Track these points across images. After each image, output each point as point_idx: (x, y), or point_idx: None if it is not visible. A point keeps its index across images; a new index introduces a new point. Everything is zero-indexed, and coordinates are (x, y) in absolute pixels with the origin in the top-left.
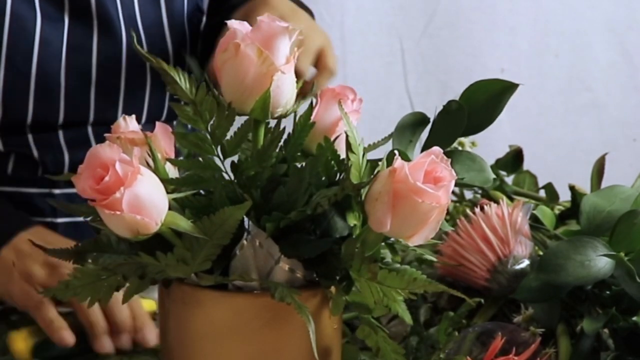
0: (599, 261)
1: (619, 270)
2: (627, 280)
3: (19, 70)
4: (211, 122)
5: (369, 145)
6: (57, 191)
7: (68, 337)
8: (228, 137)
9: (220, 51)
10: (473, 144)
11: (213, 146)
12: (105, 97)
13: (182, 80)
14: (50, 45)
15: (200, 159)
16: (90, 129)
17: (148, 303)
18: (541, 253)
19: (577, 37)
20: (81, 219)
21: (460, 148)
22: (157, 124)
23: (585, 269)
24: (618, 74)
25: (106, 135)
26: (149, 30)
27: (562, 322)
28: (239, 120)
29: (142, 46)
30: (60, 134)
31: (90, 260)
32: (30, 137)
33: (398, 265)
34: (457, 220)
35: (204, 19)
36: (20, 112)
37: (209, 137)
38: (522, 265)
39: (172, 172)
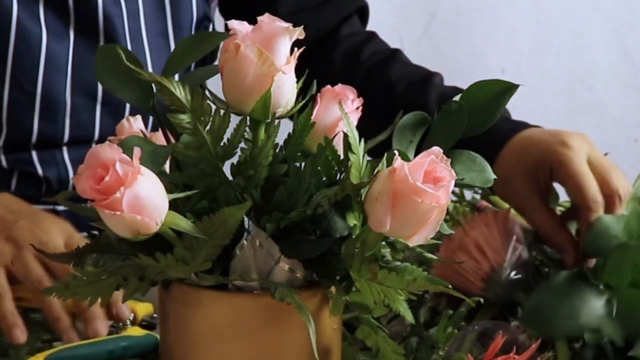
0: (588, 309)
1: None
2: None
3: (24, 89)
4: (208, 127)
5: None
6: (60, 208)
7: (20, 335)
8: (225, 139)
9: (221, 51)
10: None
11: (212, 149)
12: (111, 114)
13: (178, 90)
14: (56, 62)
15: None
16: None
17: (145, 306)
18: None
19: (578, 37)
20: (85, 234)
21: None
22: None
23: (573, 321)
24: (619, 75)
25: (110, 139)
26: (153, 43)
27: None
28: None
29: (144, 59)
30: (65, 151)
31: (90, 262)
32: (34, 154)
33: (398, 264)
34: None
35: (211, 26)
36: (25, 130)
37: (207, 141)
38: (517, 274)
39: None
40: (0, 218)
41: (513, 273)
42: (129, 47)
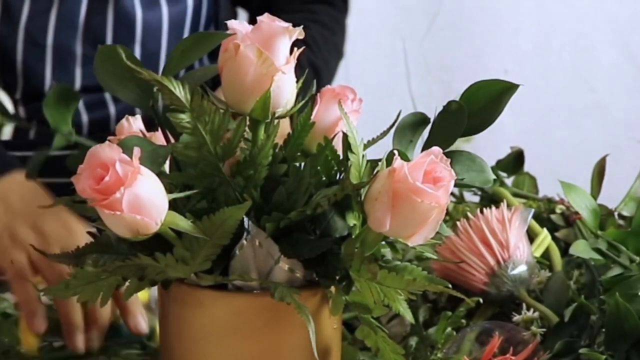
0: None
1: None
2: None
3: (37, 42)
4: (207, 126)
5: (368, 141)
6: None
7: (39, 325)
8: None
9: (221, 51)
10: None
11: (212, 149)
12: None
13: (178, 89)
14: (68, 17)
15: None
16: (107, 93)
17: (141, 294)
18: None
19: (580, 37)
20: None
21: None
22: None
23: None
24: (621, 75)
25: (110, 138)
26: (171, 4)
27: None
28: None
29: (160, 21)
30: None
31: (90, 262)
32: None
33: (398, 263)
34: (457, 223)
35: None
36: (39, 80)
37: (207, 141)
38: (521, 270)
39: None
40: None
41: (518, 269)
42: (141, 9)
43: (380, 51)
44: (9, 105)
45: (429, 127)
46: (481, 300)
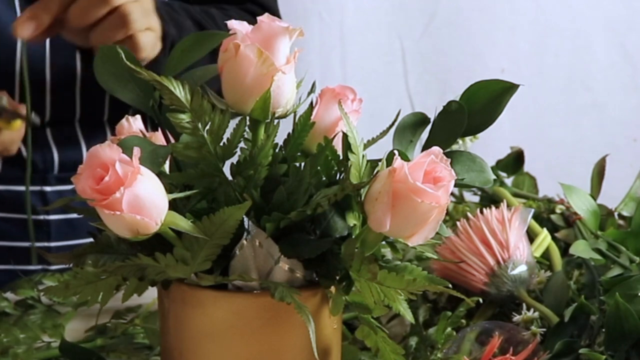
0: None
1: None
2: None
3: (3, 70)
4: (207, 126)
5: (368, 141)
6: (48, 189)
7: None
8: (225, 139)
9: (221, 51)
10: (475, 136)
11: (212, 149)
12: (91, 94)
13: (178, 89)
14: (34, 44)
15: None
16: (78, 127)
17: None
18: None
19: (577, 36)
20: (74, 215)
21: (460, 142)
22: None
23: None
24: (618, 74)
25: (111, 138)
26: None
27: None
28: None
29: None
30: (48, 132)
31: (90, 262)
32: None
33: (398, 263)
34: (457, 223)
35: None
36: None
37: (207, 141)
38: (521, 270)
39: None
40: None
41: (518, 269)
42: None
43: (377, 50)
44: None
45: (429, 127)
46: (481, 300)
